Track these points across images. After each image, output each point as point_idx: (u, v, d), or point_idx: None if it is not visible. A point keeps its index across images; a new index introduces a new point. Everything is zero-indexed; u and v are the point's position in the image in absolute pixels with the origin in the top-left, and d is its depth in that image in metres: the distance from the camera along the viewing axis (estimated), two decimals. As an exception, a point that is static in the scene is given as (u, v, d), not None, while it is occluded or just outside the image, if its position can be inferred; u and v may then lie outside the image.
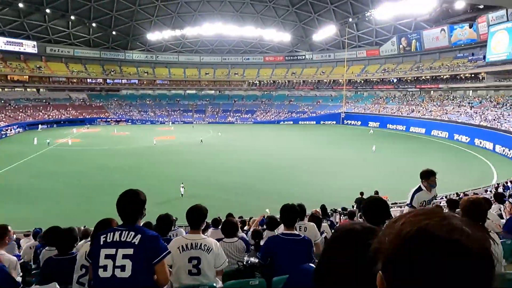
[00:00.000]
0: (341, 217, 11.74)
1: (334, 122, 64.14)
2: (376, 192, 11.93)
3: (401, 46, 65.05)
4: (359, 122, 61.01)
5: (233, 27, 70.61)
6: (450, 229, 0.66)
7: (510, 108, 42.12)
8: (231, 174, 26.06)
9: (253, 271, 3.60)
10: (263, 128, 57.94)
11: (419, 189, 4.54)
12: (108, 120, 65.07)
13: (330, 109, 67.82)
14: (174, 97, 76.76)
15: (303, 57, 78.74)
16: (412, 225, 0.69)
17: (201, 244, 3.00)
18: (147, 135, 47.92)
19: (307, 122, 65.69)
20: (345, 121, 63.04)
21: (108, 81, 74.18)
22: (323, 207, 9.75)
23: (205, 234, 5.40)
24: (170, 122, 65.25)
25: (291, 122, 66.30)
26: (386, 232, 0.74)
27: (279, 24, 73.21)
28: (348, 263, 0.96)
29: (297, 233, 3.40)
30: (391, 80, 65.50)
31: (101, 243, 2.38)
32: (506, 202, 6.50)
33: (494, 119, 40.31)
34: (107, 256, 2.33)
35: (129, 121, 66.00)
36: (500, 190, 16.79)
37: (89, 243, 3.27)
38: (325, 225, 6.51)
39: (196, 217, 3.10)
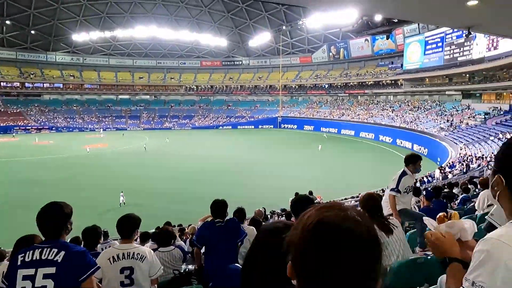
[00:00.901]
0: (280, 218, 12.07)
1: (272, 126, 65.91)
2: (310, 192, 12.50)
3: (331, 54, 69.46)
4: (295, 126, 63.54)
5: (168, 31, 68.93)
6: (344, 218, 0.76)
7: (424, 111, 47.42)
8: (174, 181, 25.33)
9: (189, 278, 3.56)
10: (203, 134, 57.31)
11: (404, 174, 4.43)
12: (27, 128, 58.69)
13: (268, 113, 69.58)
14: (105, 103, 72.23)
15: (240, 62, 79.78)
16: (315, 217, 0.78)
17: (133, 253, 2.87)
18: (74, 143, 44.38)
19: (246, 127, 66.54)
20: (282, 125, 65.16)
21: (27, 85, 67.06)
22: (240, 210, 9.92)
23: (145, 245, 5.20)
24: (101, 129, 61.13)
25: (230, 127, 66.59)
26: (296, 225, 0.81)
27: (215, 29, 73.30)
28: (272, 260, 1.00)
29: (222, 220, 3.78)
30: (323, 86, 69.42)
31: (19, 263, 2.15)
32: (421, 195, 7.31)
33: (411, 121, 44.98)
34: (25, 277, 2.11)
35: (53, 128, 60.38)
36: (418, 184, 18.77)
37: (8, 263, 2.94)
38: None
39: (127, 226, 2.97)
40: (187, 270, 3.82)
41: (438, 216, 1.45)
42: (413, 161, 4.46)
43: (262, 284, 1.03)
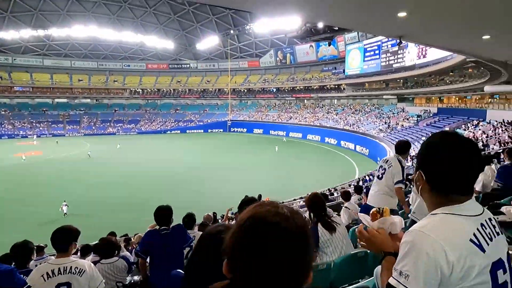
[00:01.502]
0: (230, 222, 12.04)
1: (221, 130, 65.70)
2: (259, 196, 12.64)
3: (278, 58, 71.20)
4: (245, 129, 63.99)
5: (110, 31, 65.52)
6: (275, 214, 0.80)
7: (364, 114, 50.54)
8: (122, 188, 24.17)
9: (134, 290, 3.40)
10: (151, 139, 55.32)
11: (402, 162, 4.22)
12: None
13: (217, 117, 69.25)
14: (39, 106, 66.53)
15: (188, 65, 78.51)
16: (248, 213, 0.82)
17: (71, 267, 2.66)
18: (4, 151, 40.29)
19: (195, 131, 65.54)
20: (231, 128, 65.24)
21: None
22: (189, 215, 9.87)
23: (86, 258, 4.85)
24: (35, 136, 56.09)
25: (179, 131, 65.10)
26: (233, 224, 0.86)
27: (161, 31, 71.36)
28: (213, 262, 1.00)
29: (168, 227, 3.64)
30: (271, 90, 70.85)
31: None
32: (363, 193, 7.75)
33: (354, 124, 47.67)
34: None
35: (-22, 135, 54.24)
36: (361, 183, 19.92)
37: None
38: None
39: (62, 239, 2.74)
40: (132, 281, 3.63)
41: (371, 212, 1.56)
42: (407, 149, 4.29)
43: (202, 286, 1.03)
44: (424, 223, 1.17)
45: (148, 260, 3.62)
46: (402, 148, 4.29)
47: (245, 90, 73.78)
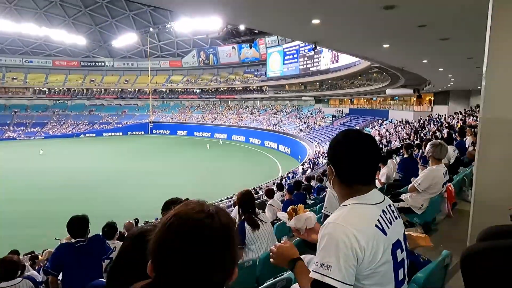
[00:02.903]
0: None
1: (143, 132, 62.51)
2: (187, 199, 12.42)
3: (200, 59, 70.48)
4: (168, 131, 61.89)
5: (6, 22, 57.39)
6: (198, 211, 0.81)
7: (286, 114, 52.99)
8: (26, 201, 21.39)
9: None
10: (60, 144, 49.91)
11: None
12: None
13: (137, 119, 65.70)
14: None
15: (103, 63, 72.89)
16: (172, 212, 0.82)
17: None
18: None
19: (113, 134, 61.17)
20: (153, 130, 62.51)
21: None
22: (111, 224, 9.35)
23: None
24: None
25: (94, 135, 60.04)
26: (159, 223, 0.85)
27: (70, 25, 64.96)
28: (138, 264, 0.98)
29: (84, 239, 3.36)
30: (195, 91, 69.82)
31: None
32: (284, 189, 8.11)
33: (276, 124, 49.63)
34: None
35: None
36: (283, 181, 20.85)
37: None
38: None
39: None
40: (40, 303, 3.24)
41: (287, 211, 1.66)
42: None
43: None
44: (337, 215, 1.29)
45: (60, 277, 3.27)
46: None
47: (167, 91, 71.40)
